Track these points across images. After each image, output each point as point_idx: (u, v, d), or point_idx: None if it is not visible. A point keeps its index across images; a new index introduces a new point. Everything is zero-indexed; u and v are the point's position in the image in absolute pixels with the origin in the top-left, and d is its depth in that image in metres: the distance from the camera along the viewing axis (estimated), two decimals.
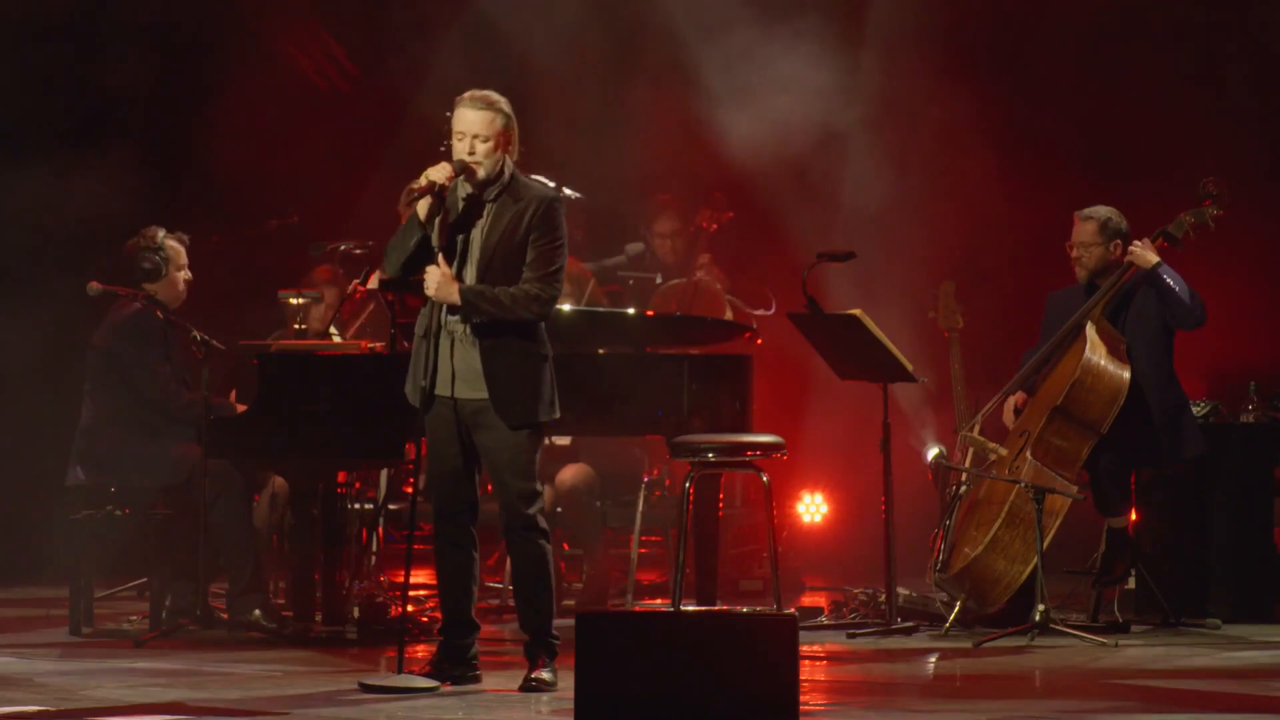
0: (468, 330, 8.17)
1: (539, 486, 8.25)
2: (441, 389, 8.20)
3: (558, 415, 8.29)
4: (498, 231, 8.16)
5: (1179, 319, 10.09)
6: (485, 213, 8.19)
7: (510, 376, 8.16)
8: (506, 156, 8.20)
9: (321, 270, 11.39)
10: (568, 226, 8.32)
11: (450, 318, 8.18)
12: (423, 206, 8.15)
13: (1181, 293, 10.03)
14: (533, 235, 8.15)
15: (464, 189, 8.21)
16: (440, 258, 8.16)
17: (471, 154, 8.14)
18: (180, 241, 10.36)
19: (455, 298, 8.12)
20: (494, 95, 8.21)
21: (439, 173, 8.15)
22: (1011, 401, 10.32)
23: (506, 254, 8.15)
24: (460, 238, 8.20)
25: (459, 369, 8.19)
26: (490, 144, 8.14)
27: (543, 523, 8.25)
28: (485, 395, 8.16)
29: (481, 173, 8.17)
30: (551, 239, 8.17)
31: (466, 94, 8.20)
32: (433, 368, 8.19)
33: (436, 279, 8.12)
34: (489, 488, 8.68)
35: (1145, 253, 10.09)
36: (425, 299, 8.23)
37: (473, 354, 8.18)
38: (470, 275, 8.17)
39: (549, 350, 8.26)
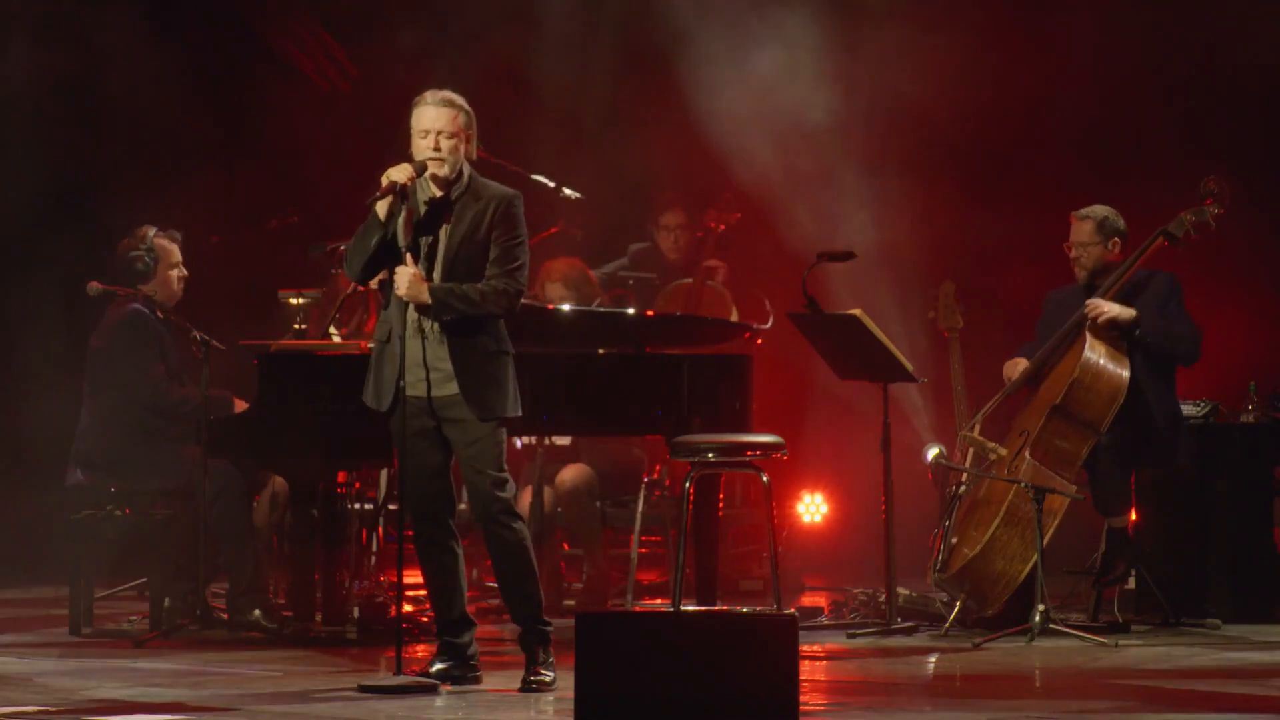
0: (436, 328, 8.20)
1: (507, 475, 8.27)
2: (417, 389, 8.21)
3: (520, 413, 8.32)
4: (461, 230, 8.21)
5: (1180, 362, 10.13)
6: (449, 212, 8.23)
7: (479, 372, 8.20)
8: (464, 157, 8.24)
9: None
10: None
11: (421, 317, 8.20)
12: (382, 207, 8.17)
13: (1169, 343, 10.04)
14: (495, 233, 8.21)
15: (427, 189, 8.24)
16: (409, 258, 8.18)
17: (437, 150, 8.16)
18: (172, 239, 10.32)
19: (426, 297, 8.14)
20: (453, 94, 8.24)
21: (400, 173, 8.16)
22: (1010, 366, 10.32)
23: (470, 252, 8.19)
24: (426, 238, 8.23)
25: (432, 367, 8.21)
26: (454, 140, 8.18)
27: (516, 508, 8.28)
28: (455, 391, 8.19)
29: (445, 169, 8.19)
30: (514, 235, 8.23)
31: (426, 93, 8.24)
32: (407, 367, 8.19)
33: (407, 279, 8.15)
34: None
35: (1115, 315, 10.04)
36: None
37: (442, 351, 8.21)
38: (436, 274, 8.21)
39: (510, 348, 8.31)
